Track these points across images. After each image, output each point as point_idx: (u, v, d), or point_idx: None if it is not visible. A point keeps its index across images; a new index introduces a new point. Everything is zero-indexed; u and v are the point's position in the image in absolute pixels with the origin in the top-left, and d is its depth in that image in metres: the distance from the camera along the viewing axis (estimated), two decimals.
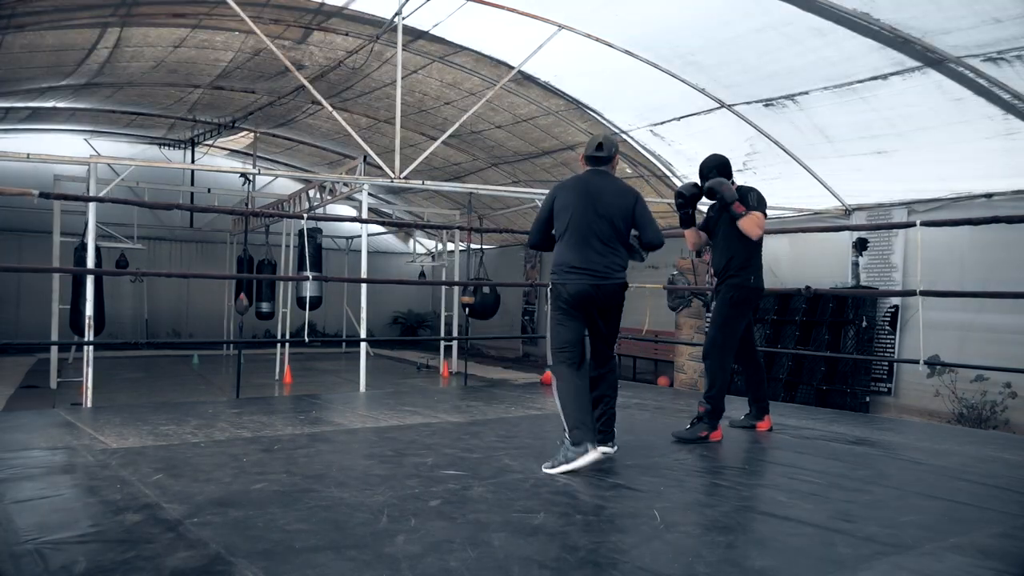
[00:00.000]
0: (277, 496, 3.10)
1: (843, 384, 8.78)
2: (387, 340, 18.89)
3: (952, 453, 4.46)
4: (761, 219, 4.59)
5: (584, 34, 8.19)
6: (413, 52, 9.43)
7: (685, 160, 10.30)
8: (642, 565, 2.43)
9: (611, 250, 3.97)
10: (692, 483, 3.64)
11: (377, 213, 18.05)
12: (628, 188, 4.16)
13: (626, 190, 4.12)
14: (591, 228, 3.95)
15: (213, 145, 15.55)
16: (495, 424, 5.04)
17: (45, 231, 11.70)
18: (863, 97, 7.43)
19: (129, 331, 16.16)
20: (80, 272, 8.92)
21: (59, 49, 9.05)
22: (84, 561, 2.33)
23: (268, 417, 5.10)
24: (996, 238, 7.39)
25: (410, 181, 8.51)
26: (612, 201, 4.00)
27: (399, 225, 19.61)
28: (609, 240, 3.97)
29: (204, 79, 10.88)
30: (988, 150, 7.35)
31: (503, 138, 11.96)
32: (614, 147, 4.18)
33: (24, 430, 4.52)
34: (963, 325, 7.89)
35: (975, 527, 2.96)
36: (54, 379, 10.62)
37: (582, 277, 3.91)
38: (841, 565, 2.50)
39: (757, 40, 7.31)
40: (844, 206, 9.32)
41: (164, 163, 14.31)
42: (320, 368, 13.62)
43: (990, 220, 5.17)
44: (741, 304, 4.67)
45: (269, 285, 13.77)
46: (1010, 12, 5.73)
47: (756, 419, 5.01)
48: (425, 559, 2.41)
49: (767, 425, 4.98)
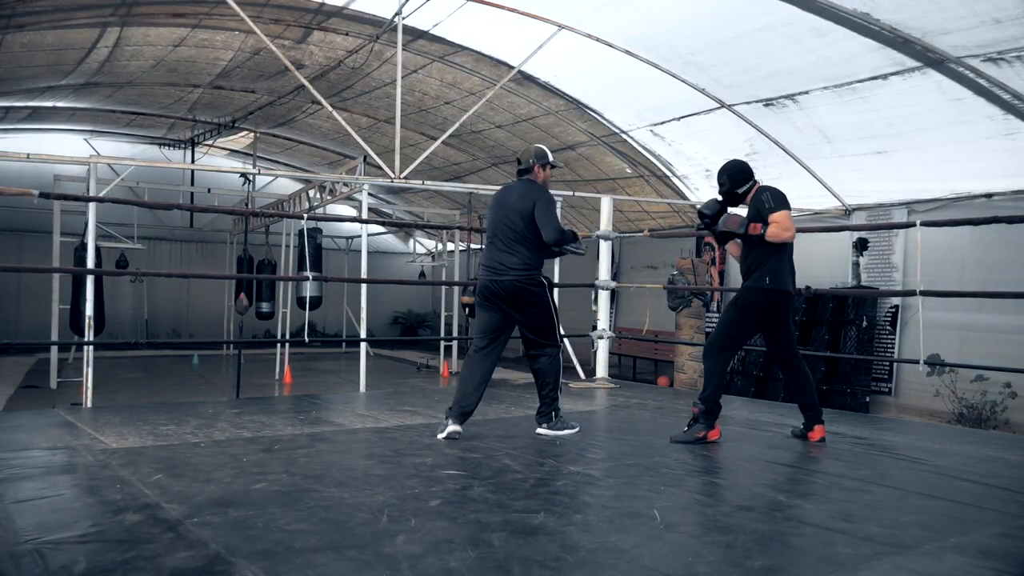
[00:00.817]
0: (277, 496, 3.10)
1: (843, 384, 8.78)
2: (387, 340, 18.90)
3: (952, 453, 4.46)
4: (784, 220, 4.30)
5: (584, 34, 8.18)
6: (413, 52, 9.43)
7: (685, 160, 10.30)
8: (642, 565, 2.43)
9: (509, 250, 4.46)
10: (692, 483, 3.63)
11: (377, 213, 18.05)
12: (532, 192, 4.48)
13: (528, 193, 4.47)
14: (495, 230, 4.53)
15: (213, 145, 15.56)
16: (495, 424, 5.04)
17: (45, 231, 11.70)
18: (863, 97, 7.43)
19: (129, 331, 16.17)
20: (80, 272, 8.92)
21: (59, 48, 9.05)
22: (84, 561, 2.33)
23: (268, 417, 5.10)
24: (996, 238, 7.40)
25: (410, 181, 8.51)
26: (513, 205, 4.46)
27: (399, 225, 19.62)
28: (507, 240, 4.47)
29: (204, 78, 10.88)
30: (988, 150, 7.35)
31: (503, 138, 11.96)
32: (532, 158, 4.59)
33: (24, 430, 4.52)
34: (963, 325, 7.89)
35: (975, 527, 2.95)
36: (54, 379, 10.62)
37: (485, 273, 4.53)
38: (841, 565, 2.50)
39: (757, 40, 7.32)
40: (844, 206, 9.32)
41: (164, 163, 14.32)
42: (320, 368, 13.62)
43: (990, 220, 5.17)
44: (750, 307, 4.44)
45: (269, 285, 13.77)
46: (1010, 12, 5.73)
47: (807, 429, 4.61)
48: (425, 559, 2.41)
49: (817, 435, 4.55)
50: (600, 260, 7.71)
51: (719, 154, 9.73)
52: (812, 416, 4.60)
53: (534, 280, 4.50)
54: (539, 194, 4.47)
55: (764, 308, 4.43)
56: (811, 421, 4.60)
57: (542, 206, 4.42)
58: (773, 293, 4.40)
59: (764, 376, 9.63)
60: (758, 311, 4.44)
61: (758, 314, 4.46)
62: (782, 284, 4.39)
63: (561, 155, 11.92)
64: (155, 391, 10.12)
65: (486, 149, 12.76)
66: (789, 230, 4.31)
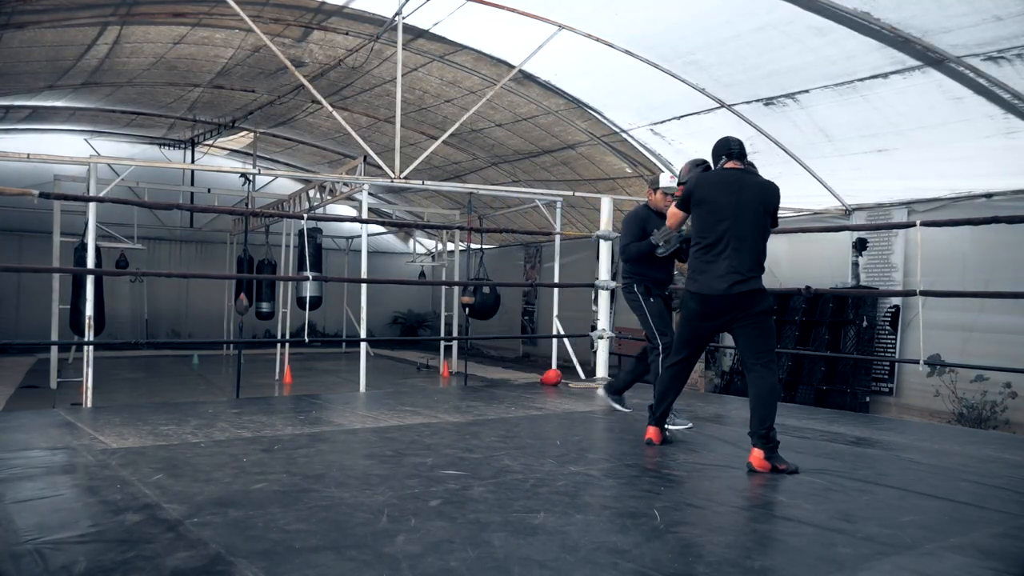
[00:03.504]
0: (277, 496, 3.10)
1: (843, 384, 8.78)
2: (387, 340, 18.90)
3: (952, 453, 4.46)
4: (671, 212, 4.38)
5: (584, 34, 8.18)
6: (413, 51, 9.43)
7: (685, 159, 10.27)
8: (642, 565, 2.43)
9: None
10: (692, 483, 3.63)
11: (377, 213, 18.04)
12: (627, 214, 5.22)
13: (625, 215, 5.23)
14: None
15: (213, 145, 15.56)
16: (495, 424, 5.04)
17: (45, 231, 11.70)
18: (863, 96, 7.43)
19: (129, 331, 16.16)
20: (80, 272, 8.92)
21: (58, 45, 9.05)
22: (84, 561, 2.33)
23: (268, 417, 5.10)
24: (998, 238, 7.39)
25: (410, 181, 8.52)
26: None
27: (399, 225, 19.61)
28: None
29: (204, 77, 10.88)
30: (988, 149, 7.35)
31: (503, 137, 11.96)
32: (649, 182, 5.50)
33: (24, 430, 4.52)
34: (964, 325, 7.89)
35: (975, 527, 2.95)
36: (54, 379, 10.62)
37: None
38: (841, 565, 2.50)
39: (757, 39, 7.31)
40: (844, 206, 9.32)
41: (164, 163, 14.31)
42: (320, 368, 13.62)
43: (990, 220, 5.16)
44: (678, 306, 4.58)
45: (269, 285, 13.77)
46: (1011, 10, 5.73)
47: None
48: (425, 559, 2.41)
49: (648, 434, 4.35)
50: (600, 260, 7.71)
51: None
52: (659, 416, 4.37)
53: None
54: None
55: (684, 308, 4.25)
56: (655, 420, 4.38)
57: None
58: (688, 295, 4.21)
59: None
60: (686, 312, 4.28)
61: (685, 314, 4.29)
62: (691, 287, 4.13)
63: (561, 154, 11.92)
64: (155, 391, 10.12)
65: (486, 148, 12.75)
66: (671, 219, 4.45)
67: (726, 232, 3.91)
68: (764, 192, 4.05)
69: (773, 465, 3.75)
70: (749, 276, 3.89)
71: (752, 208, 3.95)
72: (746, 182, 4.03)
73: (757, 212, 3.96)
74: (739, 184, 4.00)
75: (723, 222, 3.93)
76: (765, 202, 4.01)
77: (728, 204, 3.94)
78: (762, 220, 3.98)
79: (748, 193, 3.97)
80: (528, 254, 17.12)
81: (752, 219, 3.94)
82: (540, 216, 11.39)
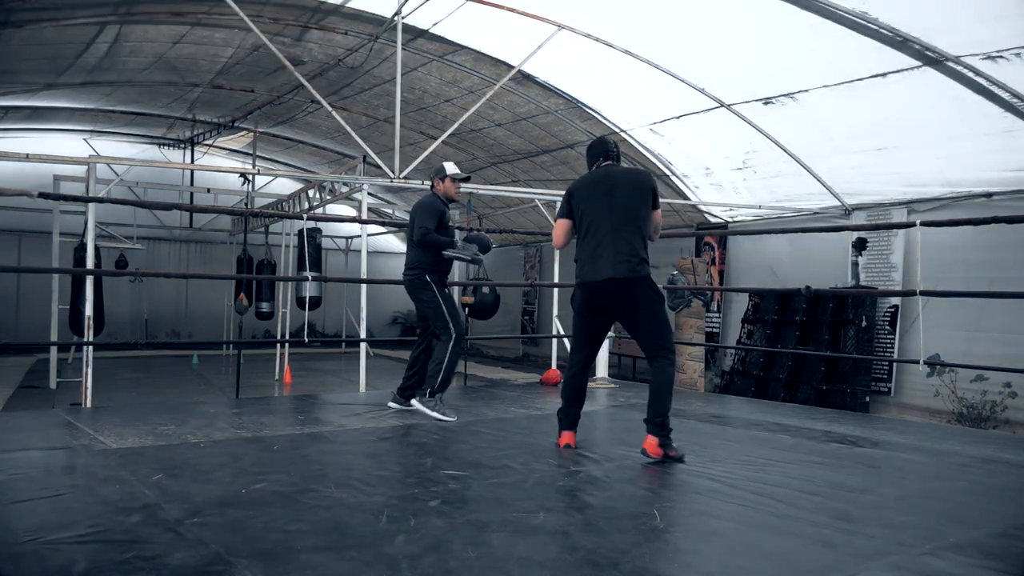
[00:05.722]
0: (277, 496, 3.10)
1: (843, 384, 8.77)
2: (387, 340, 18.89)
3: (952, 453, 4.46)
4: (558, 224, 4.30)
5: (583, 34, 8.19)
6: (413, 51, 9.43)
7: (685, 158, 10.30)
8: (642, 565, 2.43)
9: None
10: (692, 483, 3.63)
11: (377, 213, 18.04)
12: (421, 200, 5.34)
13: (419, 202, 5.36)
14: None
15: (212, 145, 15.55)
16: (495, 424, 5.04)
17: (45, 231, 11.70)
18: (863, 95, 7.43)
19: (128, 331, 16.15)
20: (80, 272, 8.92)
21: (58, 42, 9.04)
22: (84, 561, 2.33)
23: (268, 417, 5.10)
24: (1000, 238, 7.38)
25: (410, 181, 8.52)
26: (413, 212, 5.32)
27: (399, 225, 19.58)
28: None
29: (204, 76, 10.87)
30: (987, 149, 7.35)
31: (503, 136, 11.96)
32: (433, 172, 5.53)
33: (24, 430, 4.52)
34: (964, 325, 7.89)
35: (975, 527, 2.95)
36: (54, 379, 10.61)
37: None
38: (841, 565, 2.50)
39: (756, 39, 7.32)
40: (844, 206, 9.32)
41: (164, 163, 14.30)
42: (320, 368, 13.61)
43: (990, 220, 5.16)
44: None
45: (269, 285, 13.77)
46: (1010, 9, 5.73)
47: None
48: (425, 559, 2.41)
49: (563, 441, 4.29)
50: None
51: (719, 153, 9.74)
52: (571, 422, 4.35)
53: (416, 277, 5.54)
54: (418, 202, 5.31)
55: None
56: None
57: (417, 210, 5.35)
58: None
59: (764, 376, 9.63)
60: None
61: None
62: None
63: (561, 153, 11.92)
64: (155, 391, 10.12)
65: (486, 148, 12.75)
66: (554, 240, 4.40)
67: (604, 225, 4.02)
68: (636, 178, 4.22)
69: (665, 452, 3.91)
70: (631, 260, 3.95)
71: (626, 196, 4.06)
72: (616, 174, 4.18)
73: (632, 199, 4.06)
74: (610, 179, 4.15)
75: (601, 216, 4.04)
76: (639, 186, 4.11)
77: (603, 199, 4.06)
78: (639, 208, 4.06)
79: (621, 183, 4.12)
80: (528, 254, 17.11)
81: (628, 208, 4.04)
82: (540, 216, 11.39)
